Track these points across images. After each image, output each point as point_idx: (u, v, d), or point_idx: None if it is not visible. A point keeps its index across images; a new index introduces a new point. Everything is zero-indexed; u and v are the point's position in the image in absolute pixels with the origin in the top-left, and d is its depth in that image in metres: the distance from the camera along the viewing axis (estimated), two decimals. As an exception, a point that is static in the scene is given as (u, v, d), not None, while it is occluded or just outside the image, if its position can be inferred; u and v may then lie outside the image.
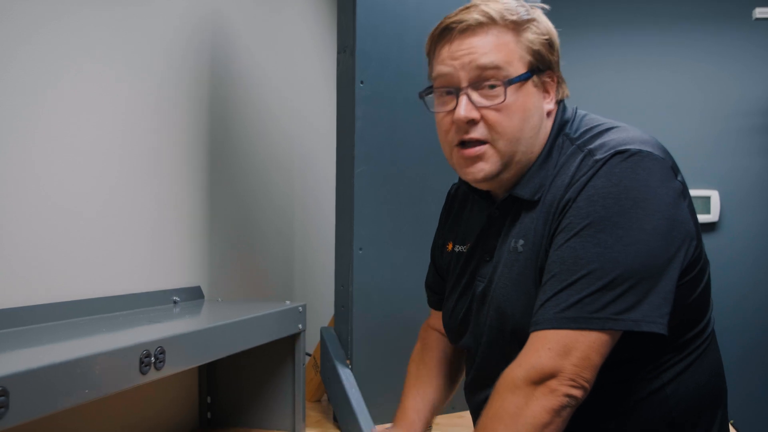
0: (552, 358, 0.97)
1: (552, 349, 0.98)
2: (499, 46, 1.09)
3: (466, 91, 1.10)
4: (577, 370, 0.97)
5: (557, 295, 1.00)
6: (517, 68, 1.09)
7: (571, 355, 0.97)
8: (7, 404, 0.71)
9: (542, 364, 0.97)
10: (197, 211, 1.76)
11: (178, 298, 1.60)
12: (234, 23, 1.98)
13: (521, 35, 1.10)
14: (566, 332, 0.98)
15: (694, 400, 1.10)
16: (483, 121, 1.10)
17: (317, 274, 2.57)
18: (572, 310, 0.98)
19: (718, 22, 3.38)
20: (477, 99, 1.09)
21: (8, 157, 1.18)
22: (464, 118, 1.09)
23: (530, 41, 1.10)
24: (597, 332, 0.97)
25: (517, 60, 1.09)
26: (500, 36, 1.09)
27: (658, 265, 0.98)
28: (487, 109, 1.09)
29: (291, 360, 1.59)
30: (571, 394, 0.97)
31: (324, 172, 2.58)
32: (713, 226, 3.36)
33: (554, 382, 0.97)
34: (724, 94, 3.38)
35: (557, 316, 0.99)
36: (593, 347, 0.97)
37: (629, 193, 0.99)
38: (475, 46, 1.09)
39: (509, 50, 1.09)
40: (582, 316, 0.97)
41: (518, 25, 1.10)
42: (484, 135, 1.10)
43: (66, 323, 1.22)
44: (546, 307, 1.00)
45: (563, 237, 1.02)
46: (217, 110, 1.86)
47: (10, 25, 1.19)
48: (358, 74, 1.68)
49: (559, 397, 0.96)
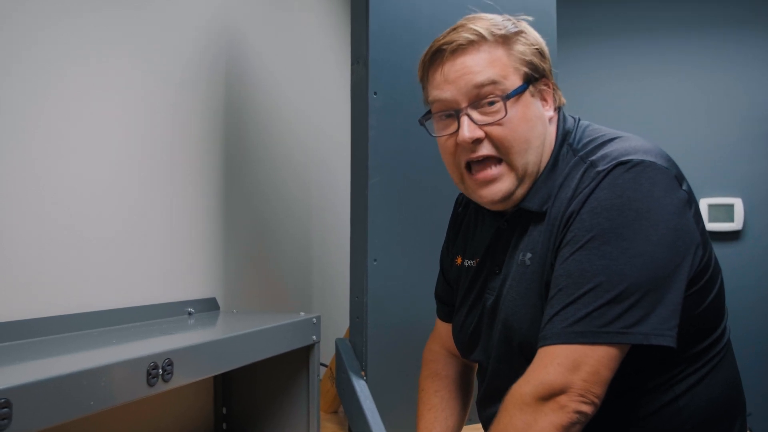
0: (561, 374, 0.96)
1: (561, 364, 0.96)
2: (492, 61, 1.09)
3: (466, 111, 1.09)
4: (587, 385, 0.95)
5: (565, 310, 0.98)
6: (513, 81, 1.09)
7: (580, 370, 0.95)
8: (10, 416, 0.72)
9: (551, 380, 0.96)
10: (213, 221, 1.77)
11: (193, 309, 1.60)
12: (248, 34, 2.00)
13: (512, 48, 1.10)
14: (575, 347, 0.96)
15: (709, 413, 1.08)
16: (488, 139, 1.09)
17: (334, 284, 2.57)
18: (580, 324, 0.97)
19: (733, 27, 3.34)
20: (478, 117, 1.09)
21: (24, 169, 1.20)
22: (469, 139, 1.09)
23: (522, 52, 1.10)
24: (606, 346, 0.96)
25: (512, 73, 1.09)
26: (492, 52, 1.09)
27: (664, 277, 0.97)
28: (490, 126, 1.08)
29: (305, 371, 1.59)
30: (581, 410, 0.95)
31: (339, 183, 2.58)
32: (737, 235, 3.30)
33: (564, 398, 0.95)
34: (740, 100, 3.33)
35: (565, 331, 0.97)
36: (602, 362, 0.96)
37: (633, 204, 0.98)
38: (468, 65, 1.09)
39: (503, 64, 1.09)
40: (590, 331, 0.96)
41: (507, 38, 1.10)
42: (492, 151, 1.10)
43: (79, 335, 1.23)
44: (554, 322, 0.99)
45: (568, 250, 1.01)
46: (232, 120, 1.87)
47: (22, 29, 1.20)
48: (371, 85, 1.68)
49: (568, 414, 0.95)
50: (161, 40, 1.58)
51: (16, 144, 1.18)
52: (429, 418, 1.35)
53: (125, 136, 1.45)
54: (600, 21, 3.52)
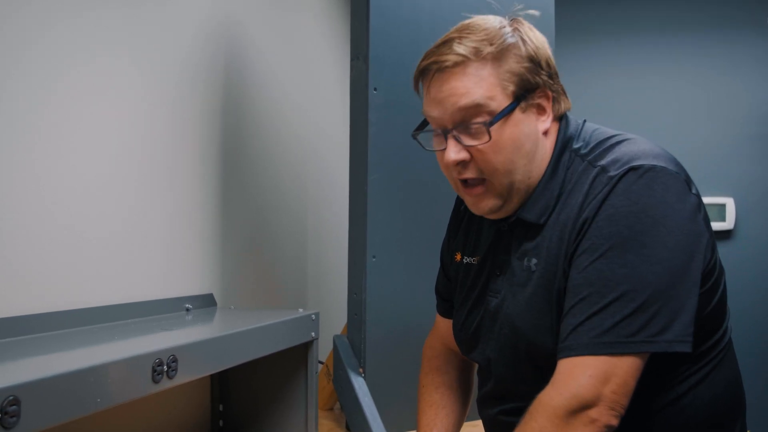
0: (593, 386, 0.95)
1: (593, 376, 0.95)
2: (478, 83, 1.04)
3: (452, 133, 1.07)
4: (616, 397, 0.95)
5: (590, 320, 0.97)
6: (500, 101, 1.05)
7: (610, 382, 0.95)
8: (19, 413, 0.71)
9: (583, 393, 0.95)
10: (210, 218, 1.76)
11: (191, 305, 1.59)
12: (248, 31, 1.98)
13: (501, 65, 1.05)
14: (605, 358, 0.96)
15: (711, 412, 1.08)
16: (473, 161, 1.08)
17: (331, 281, 2.57)
18: (609, 335, 0.96)
19: (731, 28, 3.36)
20: (464, 139, 1.07)
21: (24, 168, 1.18)
22: (453, 162, 1.07)
23: (511, 70, 1.06)
24: (633, 356, 0.96)
25: (500, 92, 1.05)
26: (478, 71, 1.05)
27: (682, 282, 0.97)
28: (474, 149, 1.06)
29: (304, 368, 1.58)
30: (611, 424, 0.95)
31: (337, 179, 2.57)
32: (728, 234, 3.32)
33: (594, 411, 0.95)
34: (737, 101, 3.35)
35: (594, 342, 0.96)
36: (630, 372, 0.96)
37: (649, 211, 0.98)
38: (453, 87, 1.05)
39: (489, 84, 1.05)
40: (620, 341, 0.95)
41: (497, 55, 1.05)
42: (477, 173, 1.08)
43: (79, 331, 1.21)
44: (579, 332, 0.98)
45: (587, 258, 1.00)
46: (231, 118, 1.86)
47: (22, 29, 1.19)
48: (371, 81, 1.67)
49: (599, 427, 0.95)
50: (160, 38, 1.56)
51: (15, 144, 1.17)
52: (430, 415, 1.35)
53: (123, 135, 1.44)
54: (596, 21, 3.53)
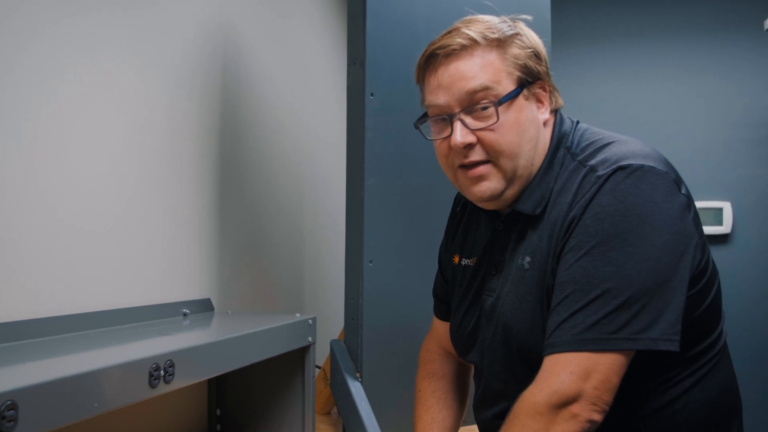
0: (574, 382, 0.96)
1: (573, 372, 0.96)
2: (485, 66, 1.08)
3: (459, 116, 1.09)
4: (598, 393, 0.96)
5: (573, 317, 0.98)
6: (506, 86, 1.09)
7: (592, 378, 0.96)
8: (17, 418, 0.71)
9: (564, 389, 0.96)
10: (207, 223, 1.76)
11: (188, 310, 1.60)
12: (245, 36, 1.99)
13: (506, 52, 1.10)
14: (586, 354, 0.97)
15: (705, 416, 1.08)
16: (480, 143, 1.09)
17: (327, 286, 2.57)
18: (590, 331, 0.97)
19: (726, 32, 3.37)
20: (471, 122, 1.09)
21: (20, 169, 1.19)
22: (461, 144, 1.09)
23: (516, 56, 1.10)
24: (616, 353, 0.96)
25: (506, 77, 1.09)
26: (485, 56, 1.09)
27: (669, 281, 0.98)
28: (482, 131, 1.09)
29: (301, 373, 1.58)
30: (593, 419, 0.96)
31: (334, 184, 2.58)
32: (725, 238, 3.33)
33: (576, 406, 0.96)
34: (734, 105, 3.36)
35: (576, 338, 0.97)
36: (612, 369, 0.96)
37: (635, 209, 0.99)
38: (461, 70, 1.09)
39: (496, 69, 1.09)
40: (601, 338, 0.96)
41: (502, 42, 1.10)
42: (483, 156, 1.10)
43: (76, 336, 1.22)
44: (562, 329, 0.99)
45: (573, 256, 1.01)
46: (228, 122, 1.87)
47: (19, 29, 1.19)
48: (368, 86, 1.67)
49: (581, 423, 0.95)
50: (158, 41, 1.57)
51: (10, 148, 1.17)
52: (426, 419, 1.35)
53: (121, 138, 1.44)
54: (593, 24, 3.54)
